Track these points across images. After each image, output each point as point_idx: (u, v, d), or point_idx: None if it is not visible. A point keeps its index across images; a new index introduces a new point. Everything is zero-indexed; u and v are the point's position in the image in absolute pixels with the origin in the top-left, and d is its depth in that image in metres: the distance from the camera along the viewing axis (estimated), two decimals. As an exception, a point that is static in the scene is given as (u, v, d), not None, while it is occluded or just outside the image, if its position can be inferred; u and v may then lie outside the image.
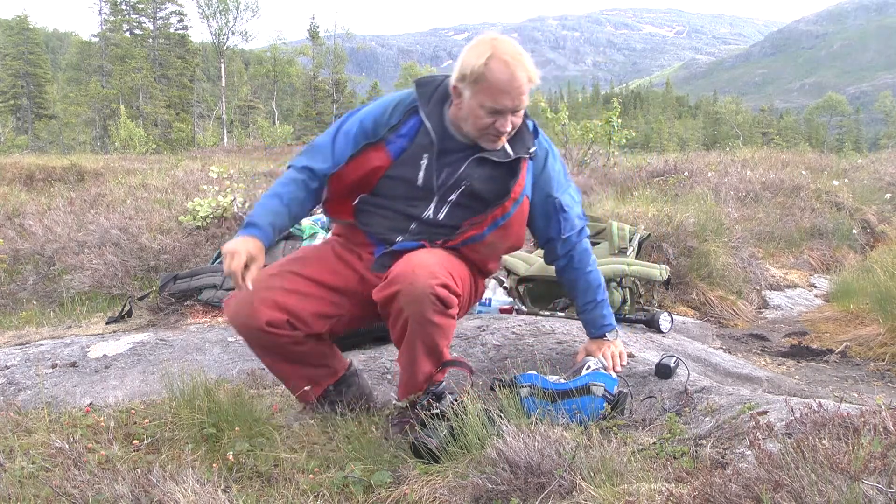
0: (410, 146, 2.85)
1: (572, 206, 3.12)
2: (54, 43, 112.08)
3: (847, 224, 8.97)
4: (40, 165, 16.27)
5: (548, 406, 2.68)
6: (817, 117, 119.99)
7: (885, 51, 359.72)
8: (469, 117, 2.75)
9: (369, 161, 2.86)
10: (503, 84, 2.65)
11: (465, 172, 2.87)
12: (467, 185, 2.89)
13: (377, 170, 2.87)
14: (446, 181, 2.88)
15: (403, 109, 2.86)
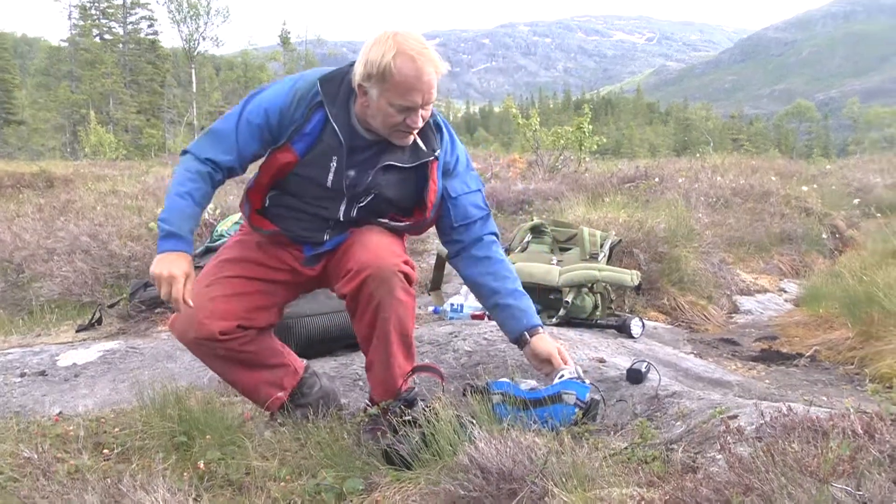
0: (317, 145, 2.79)
1: (466, 193, 3.02)
2: (23, 48, 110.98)
3: (816, 229, 9.05)
4: (8, 172, 16.14)
5: (520, 413, 2.68)
6: (787, 123, 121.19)
7: (852, 57, 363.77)
8: (378, 115, 2.69)
9: (276, 161, 2.83)
10: (412, 81, 2.60)
11: (373, 182, 2.84)
12: (377, 194, 2.88)
13: (285, 166, 2.83)
14: (356, 185, 2.85)
15: (307, 105, 2.77)
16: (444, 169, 2.94)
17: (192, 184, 2.80)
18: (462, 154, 3.04)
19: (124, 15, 61.98)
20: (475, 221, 3.02)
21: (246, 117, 2.80)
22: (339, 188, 2.83)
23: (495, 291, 3.00)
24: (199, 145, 2.86)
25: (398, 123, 2.69)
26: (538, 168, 14.31)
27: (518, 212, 9.18)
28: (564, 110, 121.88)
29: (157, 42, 64.02)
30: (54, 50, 63.46)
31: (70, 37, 60.59)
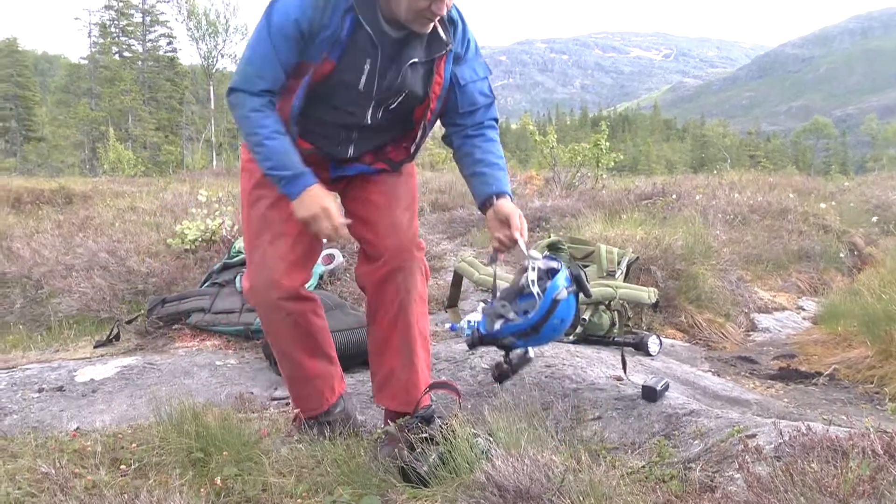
0: (350, 50, 2.73)
1: (474, 80, 3.00)
2: (43, 66, 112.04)
3: (834, 247, 9.00)
4: (28, 188, 16.22)
5: (536, 337, 2.63)
6: (804, 140, 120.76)
7: (870, 74, 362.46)
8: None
9: (314, 72, 2.75)
10: None
11: (402, 81, 2.81)
12: (407, 93, 2.85)
13: (322, 76, 2.76)
14: (389, 87, 2.81)
15: (340, 11, 2.68)
16: (454, 56, 2.91)
17: (268, 120, 2.73)
18: (472, 41, 3.01)
19: (144, 33, 62.47)
20: (480, 108, 3.01)
21: (278, 33, 2.68)
22: (370, 90, 2.80)
23: (477, 161, 2.96)
24: (246, 80, 2.74)
25: (424, 9, 2.62)
26: (555, 185, 14.31)
27: (535, 229, 9.16)
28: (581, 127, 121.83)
29: (175, 59, 64.48)
30: (74, 67, 64.00)
31: (90, 54, 61.13)
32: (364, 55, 2.72)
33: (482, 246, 8.31)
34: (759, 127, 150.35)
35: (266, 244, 2.86)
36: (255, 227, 2.92)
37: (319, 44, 2.68)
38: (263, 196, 2.90)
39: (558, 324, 2.59)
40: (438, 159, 31.84)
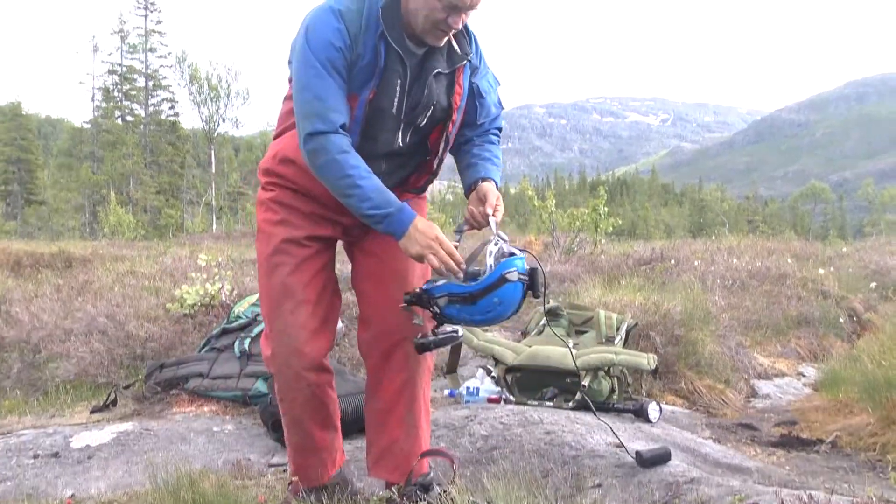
0: (386, 74, 2.72)
1: (490, 92, 3.03)
2: (46, 129, 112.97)
3: (834, 312, 8.99)
4: (28, 251, 16.24)
5: (468, 308, 2.64)
6: (802, 205, 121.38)
7: (865, 139, 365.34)
8: (422, 10, 2.63)
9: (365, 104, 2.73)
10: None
11: (429, 94, 2.81)
12: (434, 106, 2.85)
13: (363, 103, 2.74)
14: (416, 103, 2.80)
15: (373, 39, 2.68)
16: (472, 68, 2.94)
17: (356, 160, 2.65)
18: (482, 52, 3.03)
19: (146, 97, 63.03)
20: (491, 119, 3.06)
21: (330, 65, 2.64)
22: (400, 111, 2.79)
23: (474, 155, 3.00)
24: (324, 119, 2.63)
25: (440, 21, 2.63)
26: (554, 250, 14.33)
27: (534, 294, 9.15)
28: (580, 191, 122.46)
29: (177, 123, 64.96)
30: (77, 131, 64.46)
31: (93, 118, 61.67)
32: (396, 76, 2.73)
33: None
34: (757, 191, 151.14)
35: (288, 313, 2.82)
36: (275, 295, 2.87)
37: (359, 73, 2.69)
38: (282, 262, 2.85)
39: (496, 304, 2.61)
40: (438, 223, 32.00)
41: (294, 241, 2.84)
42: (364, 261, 3.02)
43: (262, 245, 2.93)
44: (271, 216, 2.89)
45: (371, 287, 2.97)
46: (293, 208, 2.88)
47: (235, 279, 7.64)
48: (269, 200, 2.91)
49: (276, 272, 2.86)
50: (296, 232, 2.85)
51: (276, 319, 2.84)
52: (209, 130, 60.80)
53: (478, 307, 2.62)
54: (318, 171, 2.66)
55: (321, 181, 2.69)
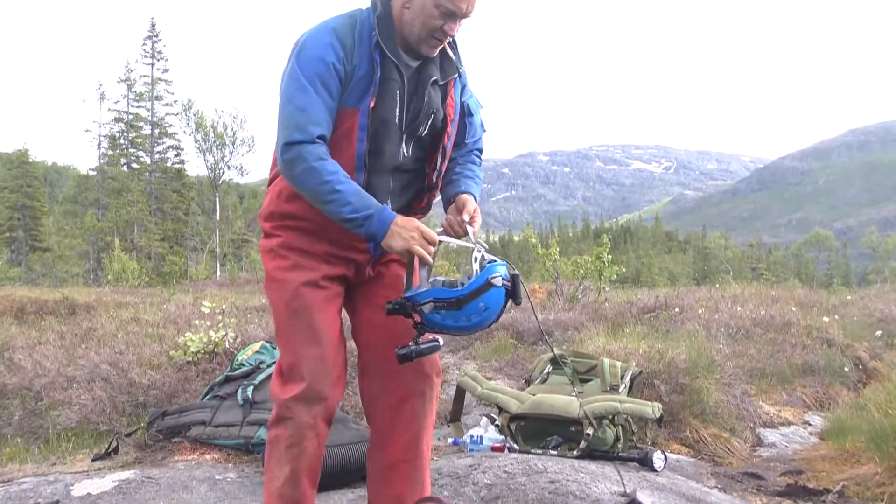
0: (384, 84, 2.76)
1: (476, 113, 3.10)
2: (53, 176, 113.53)
3: (839, 361, 8.95)
4: (32, 298, 16.25)
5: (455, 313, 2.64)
6: (805, 252, 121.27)
7: (868, 187, 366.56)
8: (419, 18, 2.69)
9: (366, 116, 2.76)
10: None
11: (429, 102, 2.85)
12: (434, 114, 2.88)
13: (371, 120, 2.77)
14: (417, 111, 2.84)
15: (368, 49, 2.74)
16: (461, 85, 2.99)
17: (334, 167, 2.66)
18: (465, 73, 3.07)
19: (152, 144, 63.34)
20: (477, 141, 3.13)
21: (317, 79, 2.68)
22: (402, 121, 2.82)
23: (456, 172, 3.03)
24: (302, 129, 2.65)
25: (436, 29, 2.69)
26: (558, 298, 14.32)
27: (538, 342, 9.14)
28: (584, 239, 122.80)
29: (182, 171, 65.17)
30: (83, 178, 64.73)
31: (99, 166, 61.92)
32: (394, 85, 2.77)
33: (485, 360, 8.29)
34: (760, 239, 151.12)
35: (315, 360, 2.80)
36: (301, 339, 2.82)
37: (357, 85, 2.72)
38: (304, 307, 2.82)
39: (482, 309, 2.62)
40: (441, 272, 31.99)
41: (312, 283, 2.82)
42: (370, 313, 2.99)
43: (279, 292, 2.88)
44: (282, 262, 2.87)
45: (378, 338, 2.95)
46: (303, 251, 2.85)
47: (239, 326, 7.64)
48: (278, 247, 2.89)
49: (300, 317, 2.83)
50: (312, 274, 2.83)
51: (301, 365, 2.79)
52: (214, 178, 60.98)
53: (463, 312, 2.62)
54: (297, 180, 2.68)
55: (301, 191, 2.70)
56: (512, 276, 2.70)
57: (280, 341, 2.91)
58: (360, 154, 2.75)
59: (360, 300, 3.03)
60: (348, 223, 2.64)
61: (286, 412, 2.82)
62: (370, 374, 3.00)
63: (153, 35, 61.12)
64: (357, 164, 2.75)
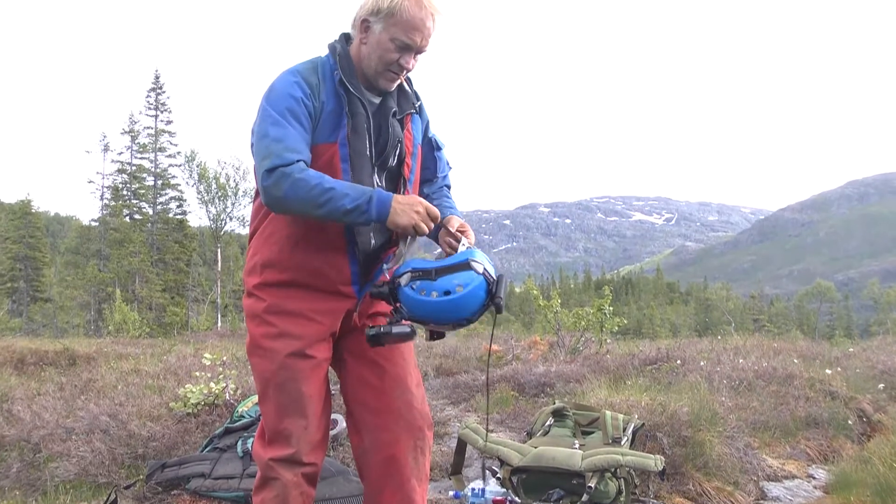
0: (352, 118, 2.84)
1: (442, 147, 3.20)
2: (55, 227, 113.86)
3: (842, 413, 8.91)
4: (32, 349, 16.21)
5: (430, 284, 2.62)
6: (807, 304, 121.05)
7: (869, 238, 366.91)
8: (375, 52, 2.81)
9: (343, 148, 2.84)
10: (417, 21, 2.76)
11: (394, 130, 2.93)
12: (400, 142, 2.95)
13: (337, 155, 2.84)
14: (385, 142, 2.91)
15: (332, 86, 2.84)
16: (424, 122, 3.11)
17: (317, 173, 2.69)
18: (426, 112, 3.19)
19: (155, 195, 63.54)
20: (445, 176, 3.22)
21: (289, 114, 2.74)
22: (372, 153, 2.88)
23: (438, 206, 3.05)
24: (281, 156, 2.67)
25: (392, 62, 2.81)
26: (559, 350, 14.30)
27: (540, 395, 9.12)
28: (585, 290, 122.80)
29: (185, 222, 65.32)
30: (85, 229, 64.84)
31: (101, 217, 62.07)
32: (361, 119, 2.85)
33: (486, 412, 8.25)
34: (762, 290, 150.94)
35: (300, 429, 2.83)
36: (285, 409, 2.85)
37: (327, 119, 2.81)
38: (290, 378, 2.84)
39: (454, 287, 2.60)
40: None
41: (298, 354, 2.84)
42: (360, 369, 2.99)
43: (264, 362, 2.89)
44: (268, 330, 2.87)
45: (370, 395, 2.95)
46: (288, 313, 2.86)
47: (240, 378, 7.61)
48: (264, 313, 2.89)
49: (285, 389, 2.85)
50: (298, 343, 2.83)
51: (286, 434, 2.83)
52: (216, 229, 61.14)
53: (437, 283, 2.62)
54: (286, 199, 2.66)
55: (294, 209, 2.68)
56: (498, 276, 2.72)
57: (264, 409, 2.92)
58: None
59: (349, 355, 3.03)
60: (352, 214, 2.65)
61: (270, 472, 2.84)
62: (361, 430, 2.99)
63: (157, 87, 61.60)
64: None
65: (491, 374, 10.42)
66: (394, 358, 2.94)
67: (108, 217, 61.59)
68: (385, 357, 2.94)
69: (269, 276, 2.88)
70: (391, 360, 2.94)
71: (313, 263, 2.82)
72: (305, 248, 2.83)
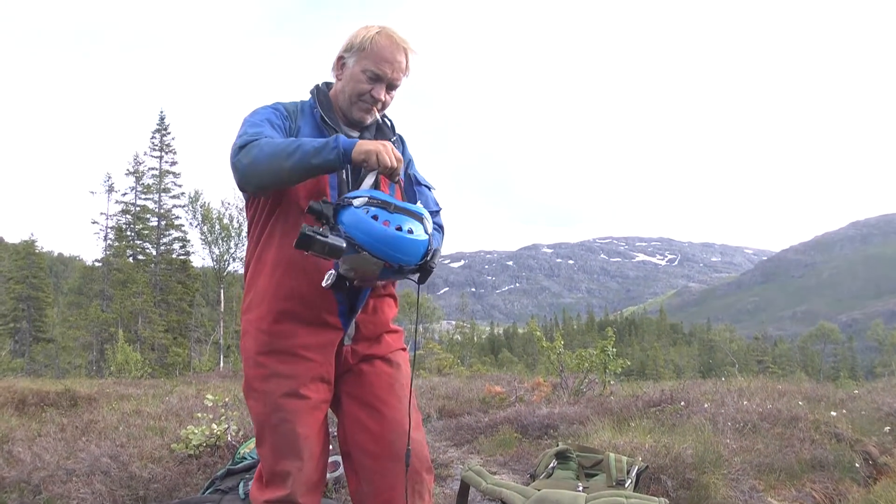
0: None
1: (430, 188, 3.27)
2: (58, 267, 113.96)
3: (848, 456, 8.84)
4: (34, 390, 16.17)
5: (386, 214, 2.64)
6: (811, 345, 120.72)
7: (872, 280, 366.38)
8: (349, 84, 2.96)
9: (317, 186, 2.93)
10: (386, 53, 2.94)
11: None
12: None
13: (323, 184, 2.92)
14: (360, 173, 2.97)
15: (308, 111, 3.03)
16: (409, 158, 3.22)
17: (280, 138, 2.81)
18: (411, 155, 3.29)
19: (158, 236, 63.66)
20: (434, 212, 3.20)
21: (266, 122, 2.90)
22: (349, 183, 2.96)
23: None
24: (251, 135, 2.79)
25: (364, 92, 2.95)
26: (563, 391, 14.24)
27: (543, 436, 9.07)
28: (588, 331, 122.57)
29: (188, 262, 65.37)
30: (88, 270, 64.89)
31: (105, 257, 62.14)
32: None
33: (489, 454, 8.22)
34: (766, 331, 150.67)
35: (296, 470, 2.84)
36: (281, 451, 2.87)
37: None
38: (284, 420, 2.86)
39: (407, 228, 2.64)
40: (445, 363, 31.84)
41: (292, 394, 2.87)
42: (357, 412, 3.00)
43: (258, 404, 2.93)
44: (260, 371, 2.91)
45: (367, 439, 2.95)
46: (279, 353, 2.89)
47: (242, 419, 7.58)
48: (256, 354, 2.94)
49: (279, 430, 2.87)
50: (291, 383, 2.87)
51: (281, 475, 2.85)
52: (219, 269, 61.23)
53: (392, 216, 2.63)
54: (255, 162, 2.71)
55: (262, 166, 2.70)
56: (436, 248, 2.81)
57: (260, 451, 2.94)
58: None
59: (346, 397, 3.04)
60: (322, 153, 2.67)
61: None
62: (358, 473, 2.99)
63: (162, 128, 61.99)
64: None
65: (494, 415, 10.38)
66: (390, 401, 2.95)
67: (111, 257, 61.68)
68: (381, 400, 2.96)
69: (262, 310, 2.93)
70: (387, 404, 2.95)
71: (300, 290, 2.86)
72: (293, 273, 2.88)
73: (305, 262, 2.83)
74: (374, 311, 3.06)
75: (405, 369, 3.14)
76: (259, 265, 2.97)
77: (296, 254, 2.77)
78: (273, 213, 2.95)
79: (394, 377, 3.05)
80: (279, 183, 2.73)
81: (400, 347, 3.16)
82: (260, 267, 2.97)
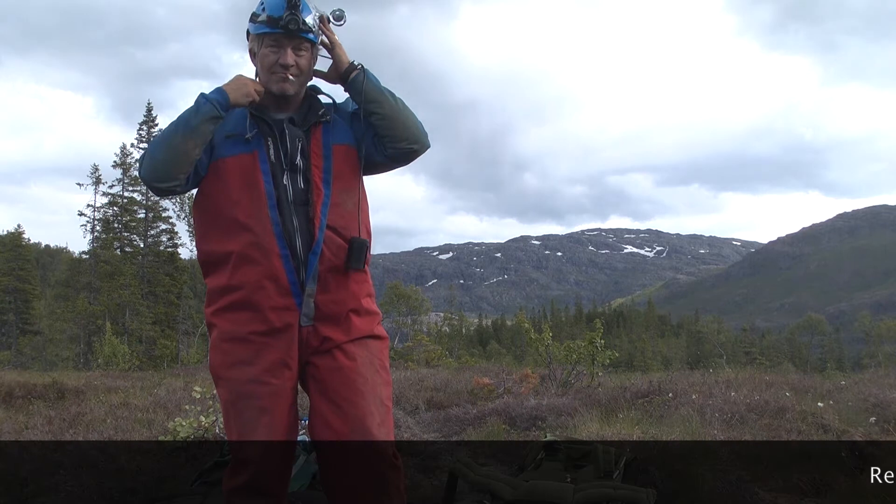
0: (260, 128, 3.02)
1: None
2: (45, 259, 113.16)
3: (835, 446, 8.89)
4: (20, 382, 16.09)
5: None
6: (799, 337, 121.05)
7: (859, 271, 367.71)
8: (262, 62, 3.00)
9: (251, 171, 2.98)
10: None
11: (293, 135, 3.04)
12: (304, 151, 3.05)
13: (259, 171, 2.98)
14: (292, 150, 3.01)
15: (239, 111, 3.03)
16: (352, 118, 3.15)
17: None
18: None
19: (146, 228, 63.38)
20: None
21: None
22: (280, 159, 2.99)
23: None
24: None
25: (273, 63, 2.96)
26: (551, 383, 14.26)
27: (531, 428, 9.08)
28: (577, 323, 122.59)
29: (175, 254, 65.11)
30: (75, 262, 64.58)
31: (92, 249, 61.84)
32: (266, 129, 3.00)
33: (477, 446, 8.21)
34: (753, 323, 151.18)
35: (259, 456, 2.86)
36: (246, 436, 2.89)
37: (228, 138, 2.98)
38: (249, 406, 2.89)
39: None
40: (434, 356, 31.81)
41: (254, 380, 2.87)
42: (320, 405, 2.98)
43: (224, 391, 2.96)
44: (224, 359, 2.93)
45: (330, 435, 2.93)
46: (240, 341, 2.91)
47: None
48: (218, 341, 2.95)
49: (242, 416, 2.90)
50: (252, 370, 2.87)
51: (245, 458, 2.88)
52: (207, 261, 60.94)
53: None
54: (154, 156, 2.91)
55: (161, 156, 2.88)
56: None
57: (228, 437, 2.98)
58: (269, 192, 2.92)
59: (313, 388, 3.03)
60: (201, 111, 2.87)
61: (233, 501, 2.92)
62: (324, 468, 2.99)
63: (149, 120, 61.62)
64: (269, 201, 2.90)
65: (482, 407, 10.38)
66: (350, 397, 2.92)
67: (98, 249, 61.37)
68: (342, 396, 2.93)
69: (222, 302, 2.95)
70: (348, 400, 2.92)
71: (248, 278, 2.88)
72: (240, 263, 2.90)
73: (252, 250, 2.88)
74: (338, 287, 3.01)
75: (370, 359, 3.07)
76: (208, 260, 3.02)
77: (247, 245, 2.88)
78: (208, 210, 3.05)
79: (355, 370, 2.99)
80: (184, 156, 2.85)
81: (368, 333, 3.09)
82: (210, 261, 3.01)
